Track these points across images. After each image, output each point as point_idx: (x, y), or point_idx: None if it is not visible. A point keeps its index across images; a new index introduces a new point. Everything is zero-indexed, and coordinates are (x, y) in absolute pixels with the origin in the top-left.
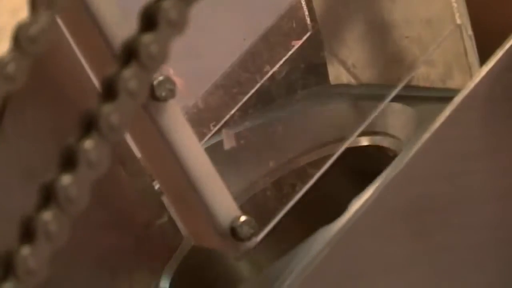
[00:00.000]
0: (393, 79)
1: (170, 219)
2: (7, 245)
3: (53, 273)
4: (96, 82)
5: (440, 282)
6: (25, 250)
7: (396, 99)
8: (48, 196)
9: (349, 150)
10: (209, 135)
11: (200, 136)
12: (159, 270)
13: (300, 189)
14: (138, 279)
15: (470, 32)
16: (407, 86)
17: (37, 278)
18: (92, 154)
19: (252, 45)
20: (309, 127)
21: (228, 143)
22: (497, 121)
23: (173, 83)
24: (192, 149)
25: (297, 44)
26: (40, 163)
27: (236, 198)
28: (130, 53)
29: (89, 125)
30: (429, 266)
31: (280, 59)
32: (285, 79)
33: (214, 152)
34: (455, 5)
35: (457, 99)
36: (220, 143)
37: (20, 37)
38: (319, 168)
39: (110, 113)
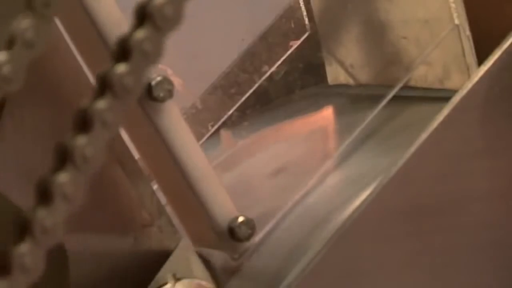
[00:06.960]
0: (391, 79)
1: (168, 219)
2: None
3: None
4: (93, 80)
5: (438, 282)
6: (42, 211)
7: (394, 99)
8: (64, 158)
9: None
10: (208, 135)
11: (199, 136)
12: (157, 271)
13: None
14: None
15: (468, 32)
16: (405, 87)
17: (53, 238)
18: (86, 151)
19: (250, 45)
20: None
21: (227, 144)
22: (495, 121)
23: (171, 83)
24: (191, 150)
25: (295, 44)
26: (38, 161)
27: (234, 198)
28: (124, 50)
29: (84, 122)
30: (428, 266)
31: (278, 59)
32: (283, 79)
33: (212, 152)
34: (453, 5)
35: (455, 100)
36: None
37: (17, 39)
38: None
39: (105, 109)
